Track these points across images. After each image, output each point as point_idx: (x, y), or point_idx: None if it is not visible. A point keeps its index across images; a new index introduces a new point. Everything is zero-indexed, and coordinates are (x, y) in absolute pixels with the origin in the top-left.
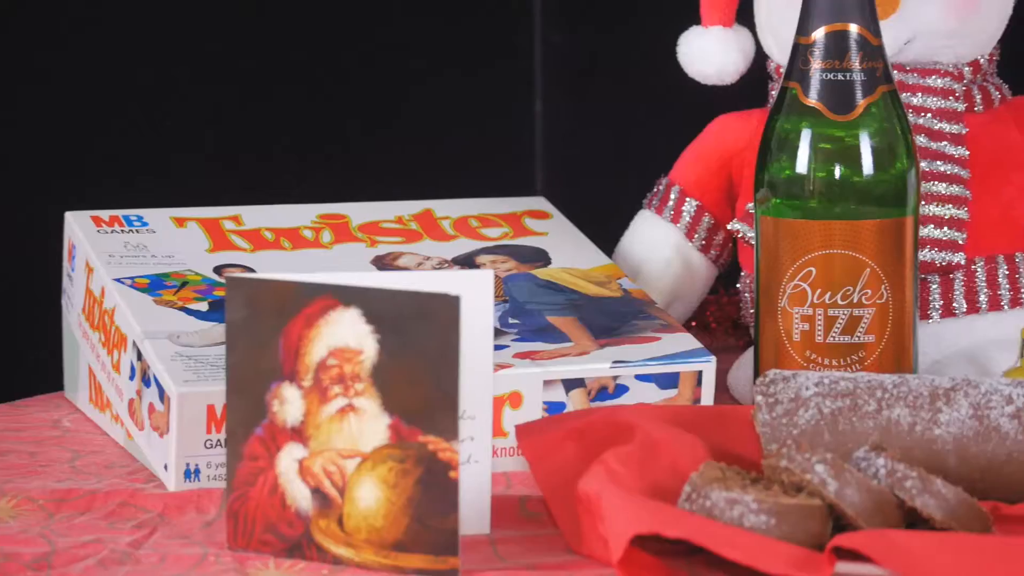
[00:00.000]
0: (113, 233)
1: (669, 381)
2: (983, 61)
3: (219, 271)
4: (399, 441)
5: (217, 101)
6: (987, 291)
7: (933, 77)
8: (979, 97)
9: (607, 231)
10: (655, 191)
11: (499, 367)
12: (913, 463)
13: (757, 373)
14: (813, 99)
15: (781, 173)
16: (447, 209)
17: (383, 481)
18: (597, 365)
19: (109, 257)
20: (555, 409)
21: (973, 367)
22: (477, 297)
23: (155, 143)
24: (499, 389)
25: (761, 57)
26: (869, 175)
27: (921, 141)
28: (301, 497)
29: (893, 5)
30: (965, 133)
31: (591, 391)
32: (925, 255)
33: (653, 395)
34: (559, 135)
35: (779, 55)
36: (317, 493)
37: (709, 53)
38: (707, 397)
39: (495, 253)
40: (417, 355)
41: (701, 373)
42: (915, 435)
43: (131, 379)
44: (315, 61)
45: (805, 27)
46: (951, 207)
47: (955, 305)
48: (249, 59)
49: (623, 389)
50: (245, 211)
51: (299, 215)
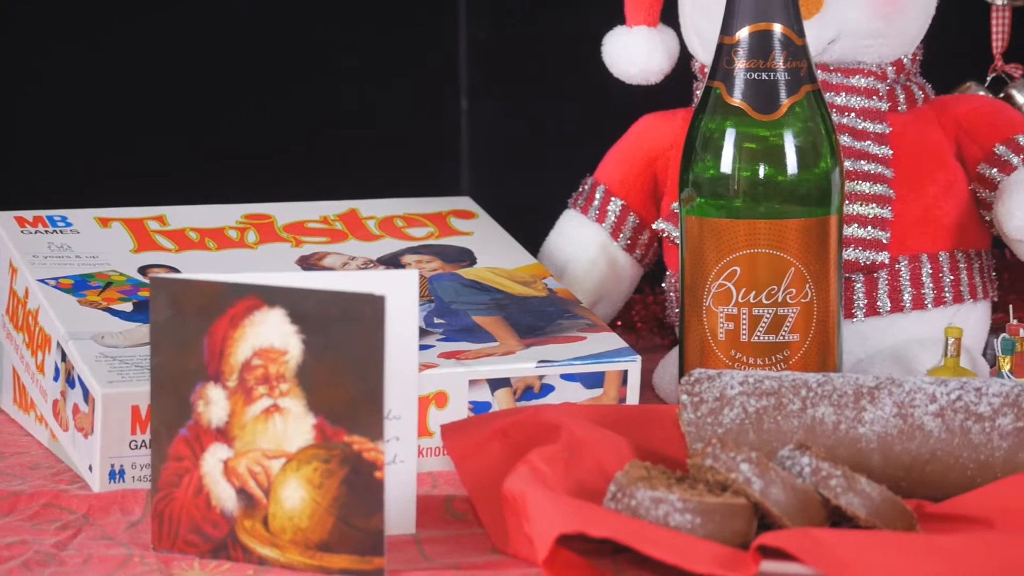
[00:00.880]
0: (37, 234)
1: (594, 380)
2: (906, 61)
3: (144, 271)
4: (324, 441)
5: (142, 101)
6: (911, 290)
7: (857, 77)
8: (902, 97)
9: (533, 231)
10: (580, 191)
11: (424, 367)
12: (838, 462)
13: (682, 372)
14: (737, 99)
15: (706, 172)
16: (372, 209)
17: (308, 481)
18: (522, 365)
19: (33, 258)
20: (481, 409)
21: (897, 366)
22: (402, 297)
23: (79, 143)
24: (424, 389)
25: (686, 57)
26: (793, 174)
27: (845, 140)
28: (226, 497)
29: (817, 5)
30: (889, 132)
31: (516, 391)
32: (849, 254)
33: (578, 394)
34: (485, 134)
35: (703, 55)
36: (242, 493)
37: (633, 53)
38: (632, 396)
39: (420, 253)
40: (342, 355)
41: (626, 372)
42: (839, 434)
43: (55, 380)
44: (242, 61)
45: (729, 27)
46: (875, 206)
47: (879, 304)
48: (176, 59)
49: (549, 389)
50: (170, 211)
51: (224, 215)
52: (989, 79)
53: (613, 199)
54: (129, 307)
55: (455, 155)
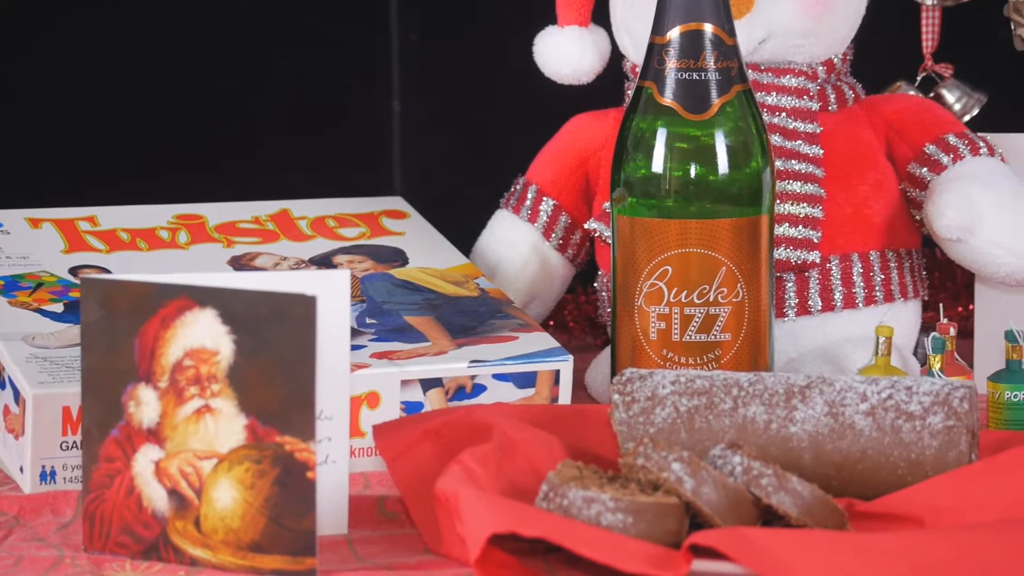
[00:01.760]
0: None
1: (526, 380)
2: (837, 60)
3: (74, 272)
4: (256, 442)
5: (72, 101)
6: (842, 289)
7: (787, 76)
8: (833, 96)
9: (465, 231)
10: (512, 191)
11: (356, 367)
12: (769, 461)
13: (614, 372)
14: (668, 98)
15: (637, 172)
16: (304, 209)
17: (240, 482)
18: (455, 365)
19: None
20: (413, 409)
21: (828, 365)
22: (334, 297)
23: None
24: (356, 389)
25: (617, 56)
26: (724, 174)
27: (776, 140)
28: (158, 498)
29: (748, 5)
30: (819, 132)
31: (449, 391)
32: (780, 253)
33: (511, 394)
34: (417, 135)
35: (635, 54)
36: (174, 494)
37: (565, 53)
38: (564, 396)
39: (352, 253)
40: (273, 355)
41: (558, 372)
42: (771, 433)
43: None
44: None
45: (660, 27)
46: (806, 206)
47: (810, 303)
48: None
49: (481, 388)
50: (101, 212)
51: (155, 216)
52: (919, 79)
53: (545, 199)
54: (60, 308)
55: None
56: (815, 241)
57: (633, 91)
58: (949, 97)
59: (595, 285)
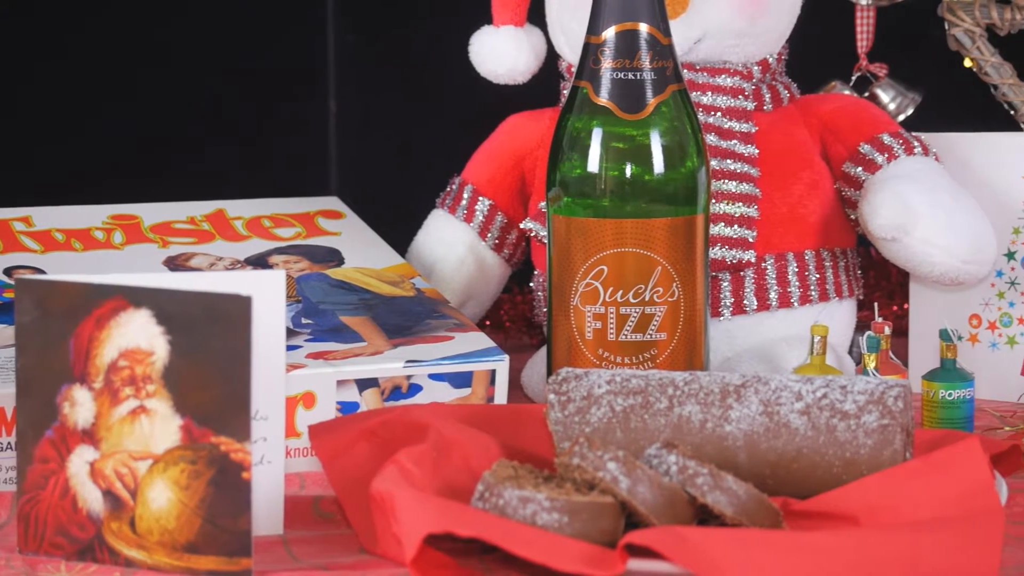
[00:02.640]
0: None
1: (462, 380)
2: (772, 60)
3: (8, 273)
4: (191, 442)
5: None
6: (777, 288)
7: (723, 76)
8: (768, 96)
9: (401, 231)
10: (448, 190)
11: (292, 367)
12: (704, 460)
13: (550, 371)
14: (604, 98)
15: (573, 172)
16: (240, 209)
17: (175, 483)
18: (390, 365)
19: None
20: (349, 409)
21: (764, 364)
22: (269, 297)
23: None
24: (292, 389)
25: (553, 56)
26: (660, 174)
27: (711, 140)
28: (93, 499)
29: (683, 5)
30: (754, 132)
31: (385, 391)
32: (716, 253)
33: (447, 394)
34: (353, 135)
35: (570, 54)
36: (109, 495)
37: (500, 52)
38: (500, 396)
39: (288, 253)
40: (209, 356)
41: (494, 372)
42: (706, 432)
43: None
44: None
45: (595, 26)
46: (741, 205)
47: (746, 303)
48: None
49: (417, 388)
50: (35, 212)
51: (90, 216)
52: (854, 78)
53: (481, 199)
54: None
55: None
56: (750, 240)
57: (569, 91)
58: (884, 97)
59: (531, 285)
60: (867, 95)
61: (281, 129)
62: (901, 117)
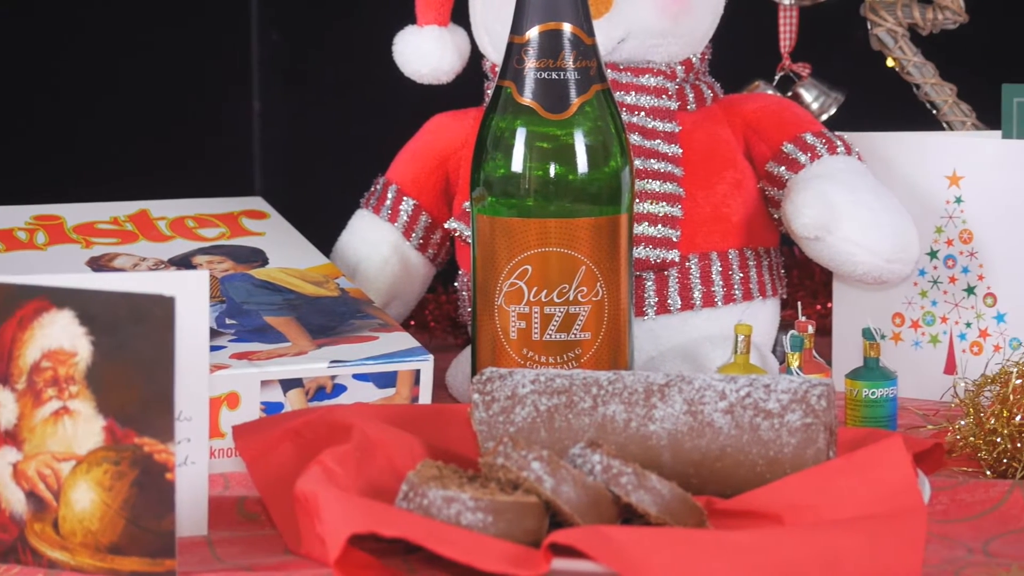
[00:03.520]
0: None
1: (387, 380)
2: (695, 60)
3: None
4: (114, 443)
5: None
6: (701, 288)
7: (646, 76)
8: (692, 96)
9: (325, 231)
10: (372, 190)
11: (215, 368)
12: (628, 459)
13: (474, 371)
14: (527, 98)
15: (496, 171)
16: (163, 210)
17: (98, 484)
18: (314, 365)
19: None
20: (273, 409)
21: (688, 363)
22: (193, 298)
23: None
24: (216, 390)
25: (477, 56)
26: (584, 173)
27: (635, 139)
28: (15, 501)
29: (606, 4)
30: (678, 131)
31: (309, 391)
32: (640, 252)
33: (371, 394)
34: (277, 135)
35: (494, 54)
36: (32, 496)
37: (424, 52)
38: (425, 396)
39: (212, 253)
40: (132, 357)
41: (419, 372)
42: (630, 431)
43: None
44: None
45: (519, 26)
46: (665, 205)
47: (670, 302)
48: None
49: (341, 389)
50: None
51: (13, 216)
52: (777, 78)
53: (405, 199)
54: None
55: (248, 156)
56: (674, 240)
57: (493, 90)
58: (807, 96)
59: (455, 284)
60: (790, 95)
61: (205, 129)
62: (824, 116)
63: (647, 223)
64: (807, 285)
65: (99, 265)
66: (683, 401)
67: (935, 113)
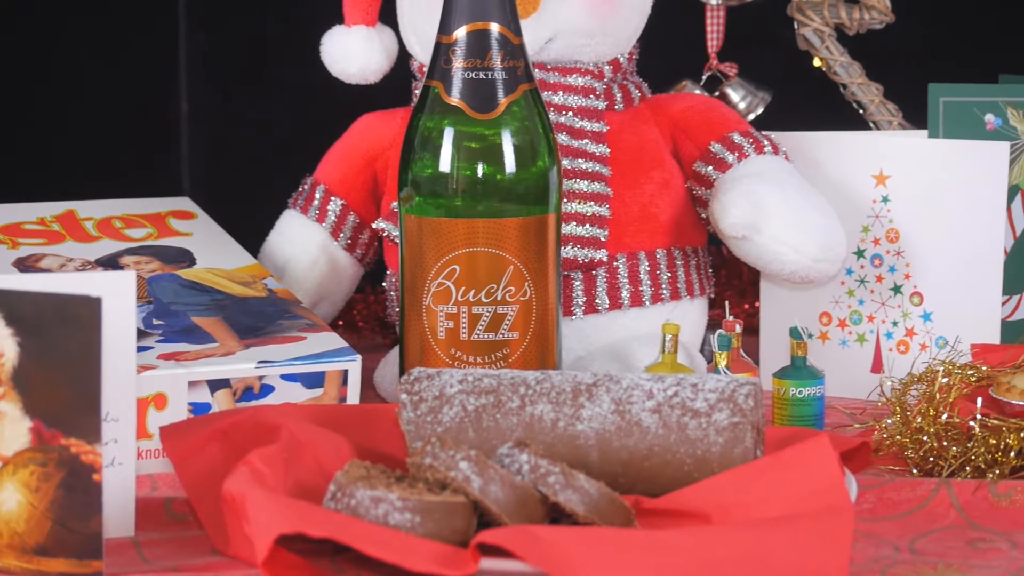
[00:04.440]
0: None
1: (315, 380)
2: (623, 60)
3: None
4: (41, 444)
5: None
6: (629, 287)
7: (574, 76)
8: (619, 95)
9: (253, 231)
10: (300, 191)
11: (143, 368)
12: (556, 459)
13: (403, 371)
14: (455, 98)
15: (424, 171)
16: (90, 210)
17: (25, 485)
18: (242, 365)
19: None
20: (200, 410)
21: (616, 363)
22: (120, 298)
23: None
24: (143, 390)
25: (405, 56)
26: (511, 173)
27: (563, 139)
28: None
29: (534, 4)
30: (606, 131)
31: (236, 391)
32: (568, 252)
33: (299, 394)
34: (205, 135)
35: (422, 54)
36: None
37: (352, 52)
38: (353, 396)
39: (139, 254)
40: (59, 357)
41: (347, 372)
42: (558, 431)
43: None
44: None
45: (447, 26)
46: (593, 204)
47: (598, 301)
48: None
49: (269, 389)
50: None
51: None
52: (704, 78)
53: (333, 199)
54: None
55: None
56: (602, 239)
57: (420, 90)
58: (734, 96)
59: (384, 284)
60: (717, 94)
61: (132, 128)
62: (751, 116)
63: (575, 223)
64: (735, 284)
65: (26, 266)
66: (611, 401)
67: (862, 113)
